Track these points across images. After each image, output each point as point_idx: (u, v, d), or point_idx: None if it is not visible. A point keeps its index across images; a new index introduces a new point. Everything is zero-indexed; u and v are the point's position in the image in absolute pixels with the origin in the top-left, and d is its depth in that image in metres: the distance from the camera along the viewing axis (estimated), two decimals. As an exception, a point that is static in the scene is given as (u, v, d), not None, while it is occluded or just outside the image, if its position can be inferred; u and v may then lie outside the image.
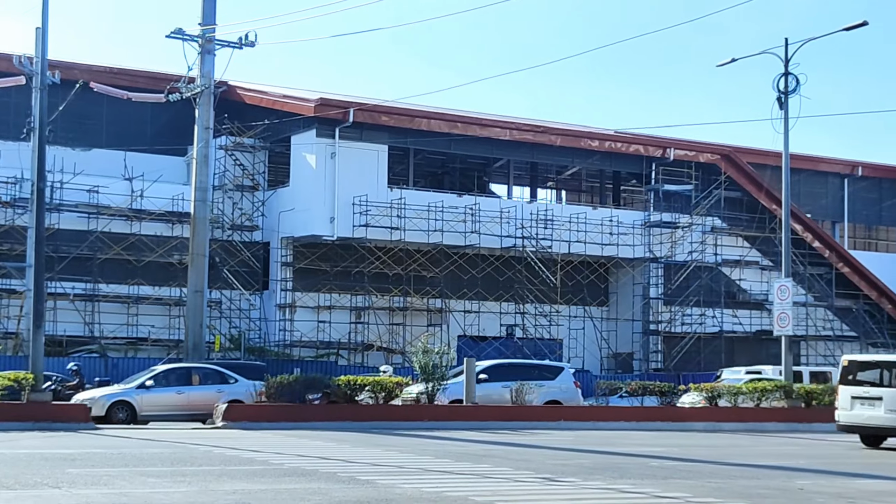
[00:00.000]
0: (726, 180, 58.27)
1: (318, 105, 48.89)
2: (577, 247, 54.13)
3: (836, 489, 16.47)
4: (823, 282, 61.28)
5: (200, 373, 35.00)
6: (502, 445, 24.88)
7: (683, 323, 56.93)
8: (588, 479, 17.17)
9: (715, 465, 20.56)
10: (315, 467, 18.18)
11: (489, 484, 16.23)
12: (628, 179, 61.94)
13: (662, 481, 17.07)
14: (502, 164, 60.01)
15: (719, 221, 58.59)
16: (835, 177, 69.38)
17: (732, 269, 59.10)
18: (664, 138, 59.10)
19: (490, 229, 52.03)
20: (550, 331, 53.97)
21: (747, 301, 59.40)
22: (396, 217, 50.16)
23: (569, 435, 29.55)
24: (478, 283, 52.56)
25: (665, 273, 57.16)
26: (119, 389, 33.82)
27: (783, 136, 39.16)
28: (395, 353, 50.44)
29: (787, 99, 38.80)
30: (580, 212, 55.55)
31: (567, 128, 58.63)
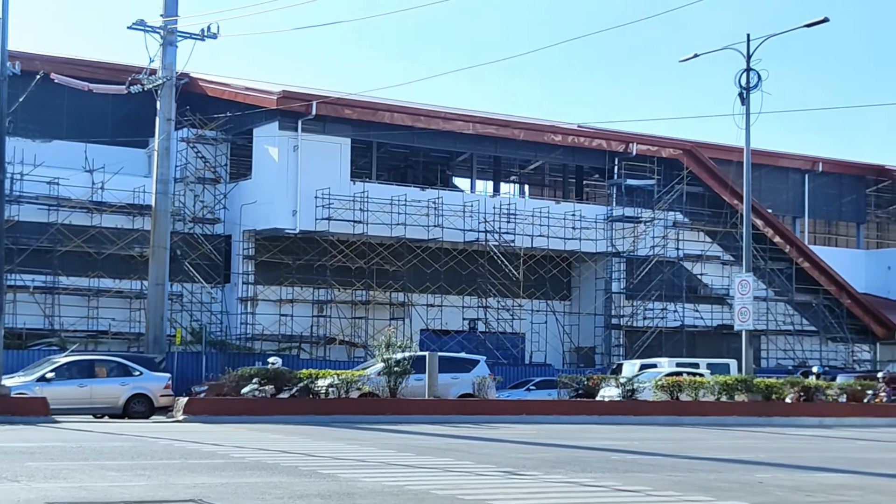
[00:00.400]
0: (688, 175, 58.53)
1: (281, 98, 48.69)
2: (539, 241, 54.20)
3: (795, 483, 16.56)
4: (784, 277, 61.66)
5: (104, 365, 33.51)
6: (465, 439, 24.88)
7: (645, 317, 57.15)
8: (550, 472, 17.19)
9: (675, 458, 20.64)
10: (276, 461, 18.10)
11: (451, 477, 16.22)
12: (591, 174, 62.08)
13: (623, 475, 17.12)
14: (465, 158, 60.01)
15: (681, 216, 58.84)
16: (795, 172, 69.83)
17: (694, 263, 59.37)
18: (627, 133, 59.29)
19: (453, 223, 52.01)
20: (513, 325, 54.05)
21: (709, 295, 59.70)
22: (359, 210, 50.05)
23: (531, 429, 29.60)
24: (440, 277, 52.53)
25: (627, 267, 57.36)
26: (19, 382, 32.05)
27: (745, 132, 39.40)
28: (357, 346, 50.35)
29: (748, 94, 39.02)
30: (543, 206, 55.63)
31: (530, 122, 58.69)
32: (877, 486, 16.43)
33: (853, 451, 24.59)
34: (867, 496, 15.00)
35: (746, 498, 14.36)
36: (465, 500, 13.48)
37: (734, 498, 14.32)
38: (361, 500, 13.32)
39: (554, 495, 14.27)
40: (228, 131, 51.25)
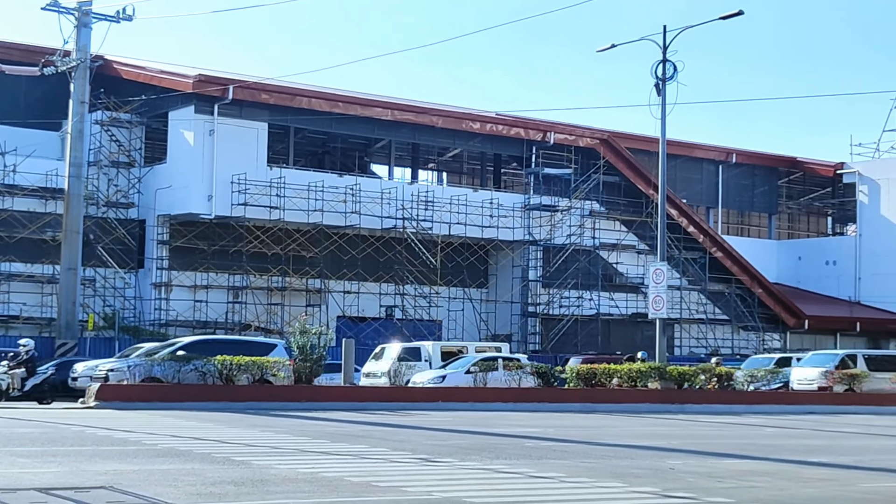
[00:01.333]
0: (605, 165, 58.98)
1: (197, 81, 48.21)
2: (457, 228, 54.30)
3: (706, 469, 16.77)
4: (697, 266, 62.43)
5: None
6: (380, 426, 24.85)
7: (561, 305, 57.55)
8: (465, 459, 17.23)
9: (589, 445, 20.79)
10: (189, 448, 17.93)
11: (366, 464, 16.19)
12: (509, 162, 62.32)
13: (537, 461, 17.21)
14: (383, 145, 59.92)
15: (598, 205, 59.29)
16: (710, 163, 70.68)
17: (610, 252, 59.88)
18: (545, 122, 59.58)
19: (370, 210, 51.90)
20: (430, 312, 54.13)
21: (624, 284, 60.26)
22: (276, 196, 49.75)
23: (447, 416, 29.64)
24: (358, 264, 52.43)
25: (544, 256, 57.70)
26: None
27: (660, 123, 39.72)
28: (272, 333, 50.06)
29: (664, 85, 39.33)
30: (461, 194, 55.73)
31: (449, 109, 58.73)
32: (785, 472, 16.70)
33: (762, 437, 24.97)
34: (775, 482, 15.24)
35: (658, 484, 14.50)
36: (379, 487, 13.46)
37: (646, 484, 14.45)
38: (275, 487, 13.24)
39: (468, 482, 14.30)
40: (143, 115, 50.63)
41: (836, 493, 14.18)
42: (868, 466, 17.99)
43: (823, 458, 19.33)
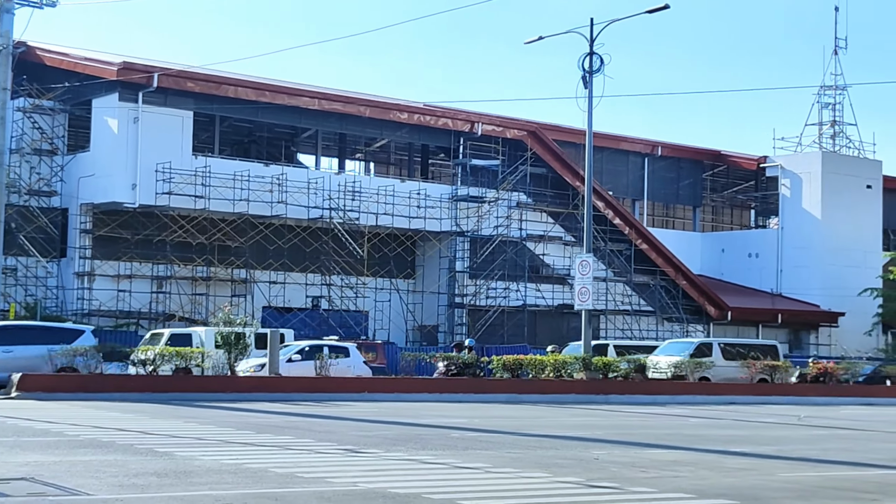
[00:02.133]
0: (532, 156, 59.18)
1: (122, 69, 47.62)
2: (384, 219, 54.20)
3: (630, 459, 16.91)
4: (623, 258, 62.90)
5: None
6: (306, 417, 24.76)
7: (488, 296, 57.68)
8: (390, 450, 17.22)
9: (515, 435, 20.87)
10: (112, 439, 17.75)
11: (291, 455, 16.12)
12: (437, 153, 62.31)
13: (463, 452, 17.24)
14: (310, 135, 59.61)
15: (525, 197, 59.48)
16: (636, 156, 71.22)
17: (536, 243, 60.13)
18: (472, 113, 59.64)
19: (297, 200, 51.62)
20: (357, 303, 53.97)
21: (550, 275, 60.54)
22: (201, 185, 49.30)
23: (373, 407, 29.61)
24: (284, 254, 52.14)
25: (471, 247, 57.78)
26: None
27: (587, 115, 39.94)
28: (197, 323, 49.62)
29: (591, 78, 39.55)
30: (388, 184, 55.61)
31: (376, 99, 58.56)
32: (707, 461, 16.88)
33: (685, 428, 25.23)
34: (697, 471, 15.40)
35: (583, 474, 14.59)
36: (304, 478, 13.40)
37: (571, 474, 14.54)
38: (198, 479, 13.14)
39: (393, 472, 14.29)
40: (67, 102, 49.90)
41: (756, 482, 14.36)
42: (788, 456, 18.24)
43: (744, 447, 19.57)
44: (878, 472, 16.23)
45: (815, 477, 15.26)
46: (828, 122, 75.85)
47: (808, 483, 14.42)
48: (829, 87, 75.57)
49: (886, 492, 13.69)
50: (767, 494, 13.08)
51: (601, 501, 12.17)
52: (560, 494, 12.65)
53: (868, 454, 19.14)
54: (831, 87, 75.56)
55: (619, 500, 12.28)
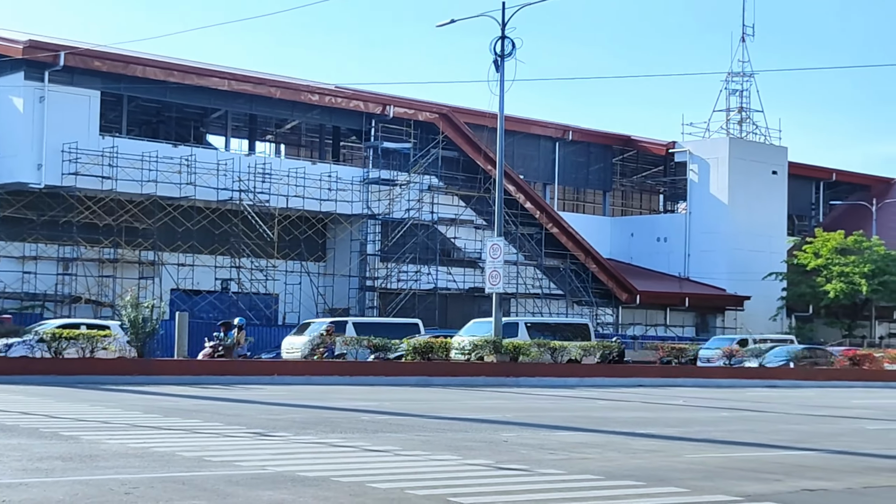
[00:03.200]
0: (444, 140, 59.20)
1: (27, 47, 46.72)
2: (295, 201, 53.90)
3: (539, 441, 17.00)
4: (534, 241, 63.25)
5: None
6: (214, 400, 24.55)
7: (399, 279, 57.67)
8: (300, 433, 17.13)
9: (425, 418, 20.89)
10: (16, 422, 17.44)
11: (198, 439, 15.96)
12: (348, 135, 62.06)
13: (373, 435, 17.21)
14: (220, 115, 59.01)
15: (436, 180, 59.51)
16: (547, 140, 71.60)
17: (448, 227, 60.20)
18: (384, 95, 59.47)
19: (206, 181, 51.12)
20: (267, 285, 53.64)
21: (461, 259, 60.68)
22: (108, 166, 48.60)
23: (283, 390, 29.45)
24: (193, 236, 51.61)
25: (382, 230, 57.70)
26: None
27: (499, 98, 40.03)
28: (104, 306, 48.99)
29: (503, 62, 39.64)
30: (299, 166, 55.30)
31: (287, 81, 58.12)
32: (615, 443, 17.04)
33: (594, 410, 25.45)
34: (605, 453, 15.54)
35: (492, 456, 14.64)
36: (212, 462, 13.28)
37: (480, 456, 14.58)
38: (104, 463, 12.95)
39: (303, 455, 14.22)
40: (-30, 80, 48.84)
41: (663, 463, 14.52)
42: (694, 438, 18.49)
43: (651, 429, 19.78)
44: (781, 452, 16.51)
45: (719, 458, 15.47)
46: (735, 108, 76.98)
47: (713, 464, 14.61)
48: (737, 74, 76.65)
49: (789, 472, 13.93)
50: (674, 475, 13.23)
51: (510, 483, 12.22)
52: (469, 477, 12.67)
53: (771, 435, 19.47)
54: (738, 73, 76.65)
55: (527, 483, 12.34)
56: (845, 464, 15.16)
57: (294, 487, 11.42)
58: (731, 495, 11.78)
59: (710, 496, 11.70)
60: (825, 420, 24.16)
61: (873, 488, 12.75)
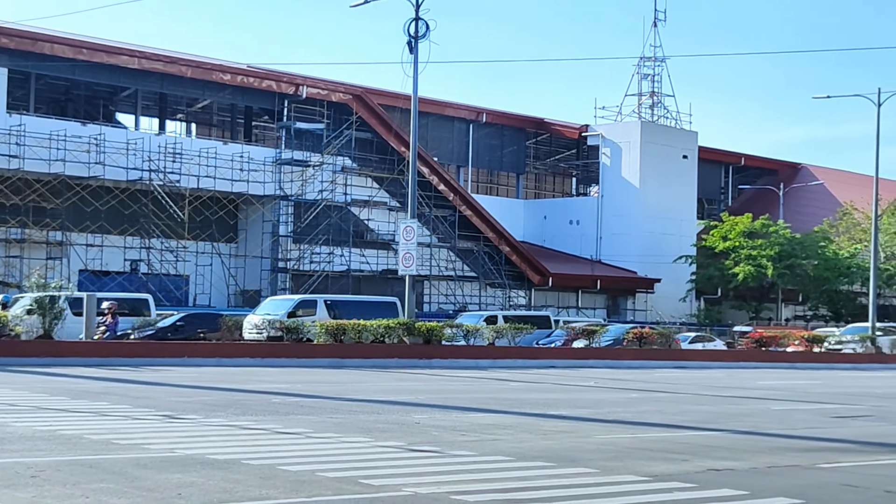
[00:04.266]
0: (357, 121, 59.00)
1: (-70, 22, 45.67)
2: (206, 182, 53.38)
3: (451, 422, 17.04)
4: (447, 224, 63.35)
5: None
6: (123, 383, 24.25)
7: (312, 261, 57.42)
8: (210, 415, 16.98)
9: (337, 400, 20.83)
10: (-83, 407, 17.09)
11: (107, 422, 15.75)
12: (260, 115, 61.59)
13: (284, 417, 17.13)
14: (130, 94, 58.21)
15: (350, 161, 59.31)
16: (461, 122, 71.67)
17: (361, 208, 60.05)
18: (297, 76, 59.10)
19: (116, 161, 50.43)
20: (177, 266, 53.11)
21: (375, 241, 60.60)
22: (15, 144, 47.73)
23: (193, 371, 29.19)
24: (101, 216, 50.89)
25: (295, 211, 57.39)
26: None
27: (412, 80, 39.95)
28: (11, 286, 48.11)
29: (416, 43, 39.55)
30: (210, 146, 54.78)
31: (199, 60, 57.50)
32: (525, 424, 17.14)
33: (506, 391, 25.57)
34: (517, 434, 15.62)
35: (404, 438, 14.64)
36: (120, 445, 13.11)
37: (392, 438, 14.57)
38: (10, 446, 12.73)
39: (213, 438, 14.10)
40: None
41: (573, 444, 14.64)
42: (604, 419, 18.66)
43: (563, 411, 19.94)
44: (688, 433, 16.73)
45: (629, 438, 15.63)
46: (647, 92, 77.67)
47: (622, 444, 14.76)
48: (649, 59, 77.36)
49: (696, 452, 14.11)
50: (584, 456, 13.34)
51: (422, 465, 12.23)
52: (381, 458, 12.66)
53: (679, 416, 19.72)
54: (650, 58, 77.36)
55: (439, 464, 12.36)
56: (750, 444, 15.40)
57: (203, 470, 11.32)
58: (639, 475, 11.91)
59: (618, 476, 11.81)
60: (732, 401, 24.54)
61: (777, 468, 12.97)
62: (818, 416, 20.80)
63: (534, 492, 10.60)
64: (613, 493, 10.74)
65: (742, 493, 10.90)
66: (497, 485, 10.97)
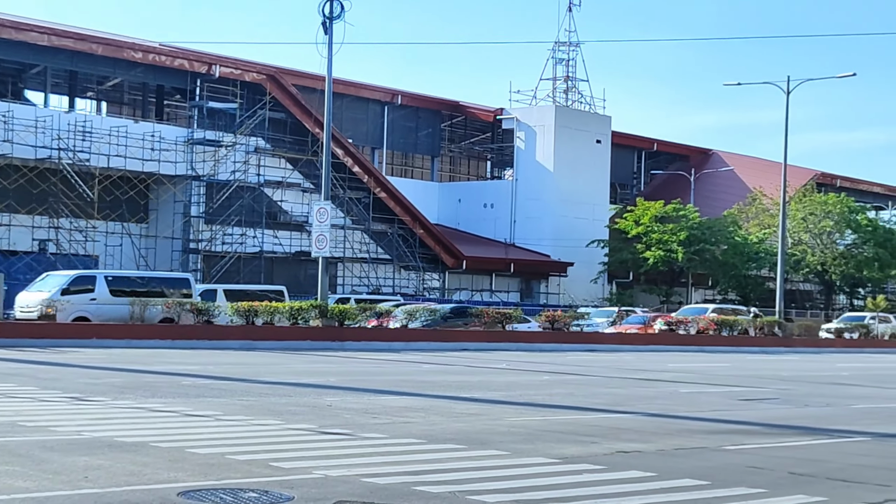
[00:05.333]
0: (271, 101, 58.54)
1: None
2: (116, 161, 52.67)
3: (363, 405, 17.03)
4: (361, 206, 63.18)
5: None
6: (30, 364, 23.88)
7: (224, 242, 56.94)
8: (118, 398, 16.80)
9: (248, 383, 20.71)
10: None
11: (13, 404, 15.51)
12: (172, 94, 60.87)
13: (194, 399, 16.99)
14: (39, 71, 57.14)
15: (263, 142, 58.86)
16: (376, 104, 71.47)
17: (275, 190, 59.65)
18: (210, 55, 58.51)
19: (24, 139, 49.54)
20: (86, 247, 52.33)
21: (288, 222, 60.24)
22: (-81, 121, 46.67)
23: (103, 353, 28.83)
24: (9, 195, 49.98)
25: (207, 191, 56.84)
26: None
27: (327, 61, 39.76)
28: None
29: (331, 24, 39.38)
30: (121, 125, 54.03)
31: (110, 37, 56.64)
32: (438, 407, 17.18)
33: (418, 374, 25.63)
34: (428, 417, 15.66)
35: (315, 421, 14.61)
36: (26, 427, 12.92)
37: (304, 421, 14.53)
38: None
39: (121, 421, 13.95)
40: None
41: (485, 427, 14.71)
42: (516, 402, 18.78)
43: (475, 393, 20.02)
44: (598, 415, 16.90)
45: (539, 421, 15.74)
46: (561, 77, 78.07)
47: (533, 427, 14.86)
48: (564, 44, 77.75)
49: (605, 434, 14.26)
50: (495, 439, 13.41)
51: (332, 448, 12.21)
52: (292, 441, 12.62)
53: (589, 399, 19.90)
54: (565, 43, 77.76)
55: (350, 447, 12.34)
56: (658, 426, 15.60)
57: (111, 453, 11.19)
58: (549, 457, 12.00)
59: (529, 458, 11.89)
60: (642, 384, 24.82)
61: (684, 450, 13.15)
62: (725, 399, 21.12)
63: (444, 474, 10.63)
64: (523, 475, 10.81)
65: (650, 475, 11.03)
66: (408, 467, 10.99)
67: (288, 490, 9.53)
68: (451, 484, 10.11)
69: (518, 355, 36.78)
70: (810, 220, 73.76)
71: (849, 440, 14.99)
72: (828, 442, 14.70)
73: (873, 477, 11.57)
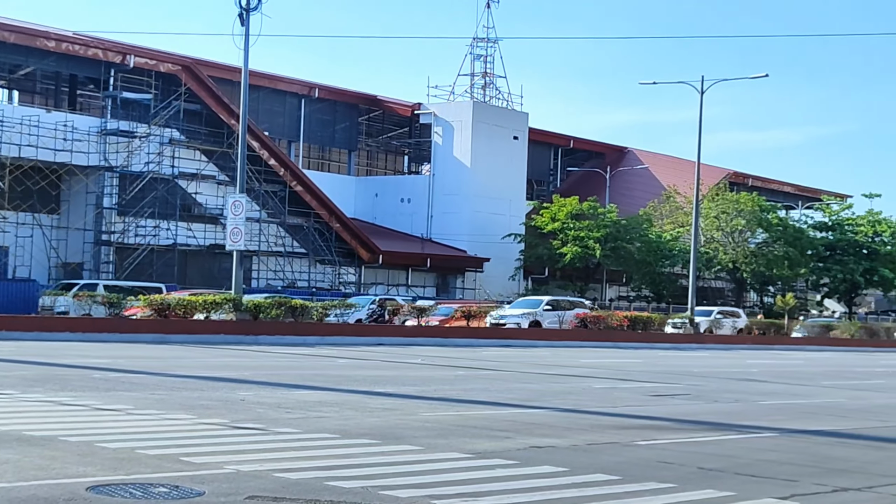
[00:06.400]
0: (186, 92, 57.96)
1: None
2: (28, 151, 51.83)
3: (276, 400, 16.93)
4: (277, 199, 62.82)
5: None
6: (-65, 357, 23.40)
7: (137, 234, 56.29)
8: (27, 391, 16.53)
9: (160, 376, 20.49)
10: None
11: (-84, 398, 15.18)
12: (86, 84, 60.02)
13: (105, 393, 16.77)
14: (-51, 58, 56.09)
15: (178, 133, 58.26)
16: (293, 97, 71.12)
17: (189, 182, 59.09)
18: (125, 44, 57.77)
19: (-68, 127, 48.53)
20: (-4, 237, 51.48)
21: (203, 215, 59.72)
22: None
23: (11, 345, 28.39)
24: (-84, 184, 48.96)
25: (120, 183, 56.15)
26: None
27: (244, 53, 39.48)
28: None
29: (248, 16, 39.10)
30: (33, 114, 53.16)
31: (22, 25, 55.69)
32: (352, 402, 17.14)
33: (333, 369, 25.53)
34: (342, 412, 15.61)
35: (228, 415, 14.49)
36: (-71, 422, 12.65)
37: (216, 416, 14.40)
38: None
39: (30, 414, 13.72)
40: None
41: (399, 421, 14.70)
42: (430, 396, 18.78)
43: (389, 388, 20.00)
44: (512, 410, 16.96)
45: (454, 416, 15.76)
46: (479, 73, 78.28)
47: (447, 422, 14.87)
48: (482, 40, 77.99)
49: (519, 430, 14.32)
50: (409, 433, 13.40)
51: (245, 442, 12.12)
52: (204, 436, 12.50)
53: (504, 394, 19.98)
54: (483, 39, 77.99)
55: (262, 441, 12.26)
56: (572, 421, 15.70)
57: (20, 447, 11.00)
58: (463, 452, 12.02)
59: (443, 453, 11.90)
60: (556, 379, 24.98)
61: (596, 445, 13.25)
62: (637, 395, 21.32)
63: (357, 469, 10.61)
64: (437, 469, 10.81)
65: (562, 470, 11.09)
66: (321, 462, 10.94)
67: (199, 485, 9.43)
68: (364, 479, 10.08)
69: (433, 350, 36.82)
70: (722, 218, 74.74)
71: (757, 436, 15.20)
72: (737, 437, 14.90)
73: (781, 472, 11.75)
